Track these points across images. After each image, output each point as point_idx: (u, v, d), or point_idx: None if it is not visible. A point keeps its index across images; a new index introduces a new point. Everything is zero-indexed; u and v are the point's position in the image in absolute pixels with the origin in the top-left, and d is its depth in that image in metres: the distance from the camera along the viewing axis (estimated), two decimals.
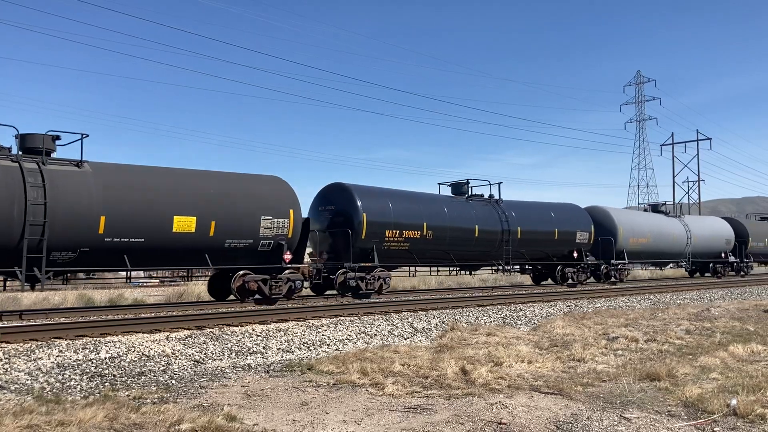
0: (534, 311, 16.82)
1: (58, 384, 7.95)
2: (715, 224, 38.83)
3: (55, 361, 8.99)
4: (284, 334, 11.82)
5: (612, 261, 29.40)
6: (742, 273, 39.47)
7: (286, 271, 17.55)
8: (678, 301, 20.94)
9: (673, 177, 75.87)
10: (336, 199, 20.28)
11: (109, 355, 9.56)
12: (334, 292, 19.81)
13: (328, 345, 11.44)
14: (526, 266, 28.04)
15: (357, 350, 10.50)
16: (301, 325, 12.64)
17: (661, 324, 13.62)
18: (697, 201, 73.29)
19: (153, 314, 14.75)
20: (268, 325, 12.49)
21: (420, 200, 22.43)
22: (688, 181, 74.79)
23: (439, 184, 26.13)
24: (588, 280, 28.87)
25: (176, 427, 5.77)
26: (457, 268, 24.93)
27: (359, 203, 19.73)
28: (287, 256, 17.43)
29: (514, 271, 28.38)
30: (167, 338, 10.81)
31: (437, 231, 21.89)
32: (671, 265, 36.71)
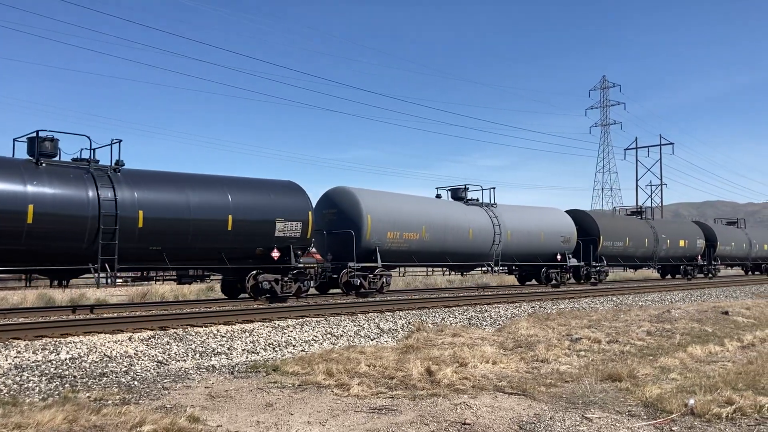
0: (499, 312, 16.97)
1: (15, 386, 7.77)
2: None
3: (13, 363, 8.79)
4: (249, 334, 11.74)
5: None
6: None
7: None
8: (640, 303, 21.32)
9: (636, 181, 77.40)
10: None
11: (70, 356, 9.38)
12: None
13: (294, 346, 11.39)
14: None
15: (323, 351, 10.48)
16: (267, 326, 12.56)
17: (623, 325, 13.85)
18: (660, 204, 74.78)
19: (115, 314, 14.53)
20: (233, 326, 12.39)
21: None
22: (651, 185, 76.45)
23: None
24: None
25: (138, 429, 5.68)
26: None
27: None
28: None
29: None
30: (130, 339, 10.65)
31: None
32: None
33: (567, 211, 31.55)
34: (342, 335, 12.54)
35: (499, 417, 6.45)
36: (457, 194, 26.83)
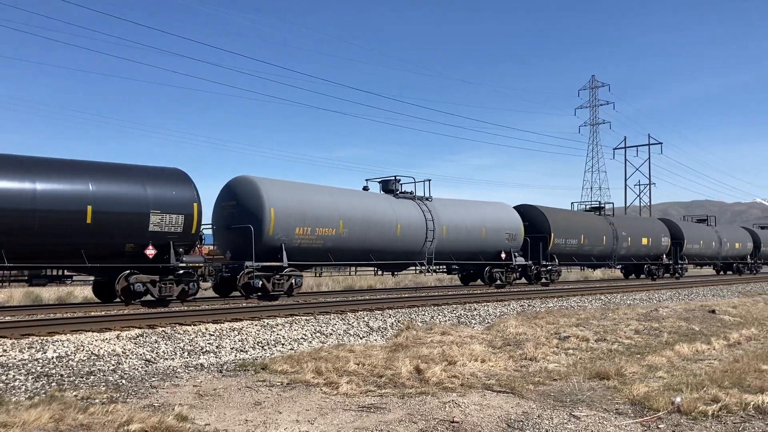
0: (488, 311, 17.02)
1: (1, 385, 7.71)
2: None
3: None
4: (238, 333, 11.71)
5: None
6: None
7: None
8: (628, 302, 21.44)
9: (625, 180, 77.78)
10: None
11: (57, 354, 9.32)
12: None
13: (283, 344, 11.37)
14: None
15: (312, 350, 10.48)
16: (256, 324, 12.54)
17: (612, 324, 13.93)
18: (648, 204, 75.22)
19: (103, 312, 14.44)
20: (222, 324, 12.35)
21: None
22: (639, 185, 76.88)
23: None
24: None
25: (125, 428, 5.66)
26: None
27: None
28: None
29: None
30: (118, 337, 10.60)
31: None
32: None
33: (515, 206, 29.31)
34: (331, 334, 12.53)
35: (488, 415, 6.47)
36: (387, 186, 24.04)
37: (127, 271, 15.54)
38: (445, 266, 26.49)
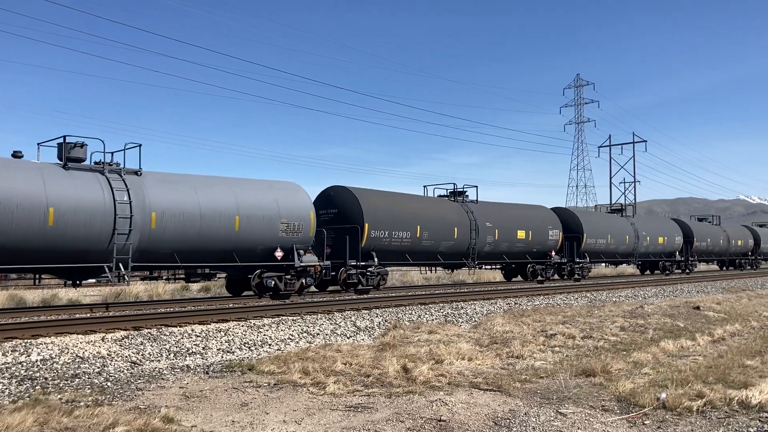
0: (475, 309, 17.05)
1: None
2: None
3: None
4: (225, 334, 11.65)
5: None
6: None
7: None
8: (614, 299, 21.55)
9: (610, 178, 78.15)
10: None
11: (41, 357, 9.23)
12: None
13: (270, 345, 11.33)
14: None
15: (299, 350, 10.44)
16: (242, 325, 12.49)
17: (597, 321, 14.00)
18: (633, 201, 75.71)
19: (88, 314, 14.33)
20: (208, 326, 12.29)
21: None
22: (624, 182, 77.27)
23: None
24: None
25: (111, 430, 5.61)
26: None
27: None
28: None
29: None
30: (103, 339, 10.52)
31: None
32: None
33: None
34: (318, 334, 12.51)
35: (475, 413, 6.49)
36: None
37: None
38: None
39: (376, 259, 21.81)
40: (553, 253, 30.36)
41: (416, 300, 18.17)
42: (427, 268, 27.36)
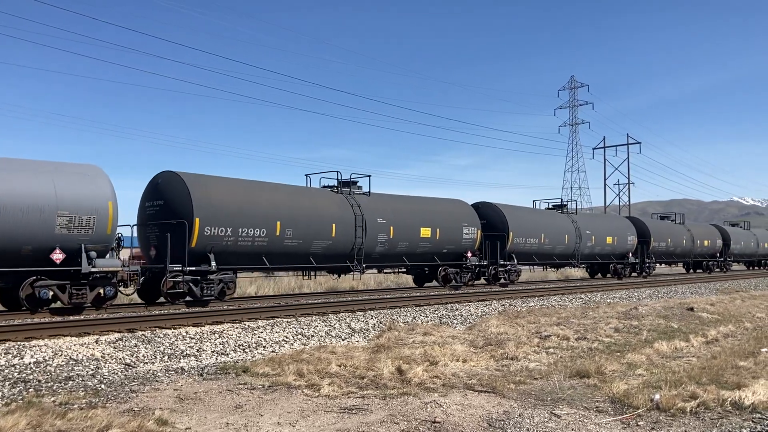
0: (470, 310, 17.07)
1: None
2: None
3: None
4: (219, 336, 11.64)
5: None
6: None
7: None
8: (608, 300, 21.61)
9: (605, 179, 78.48)
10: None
11: (34, 359, 9.20)
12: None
13: (264, 347, 11.32)
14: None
15: (293, 352, 10.44)
16: (237, 327, 12.47)
17: (592, 322, 14.03)
18: (627, 203, 75.96)
19: (82, 317, 14.28)
20: (203, 328, 12.27)
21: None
22: (618, 184, 77.66)
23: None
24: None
25: None
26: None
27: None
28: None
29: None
30: (97, 341, 10.48)
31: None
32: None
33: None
34: (313, 335, 12.50)
35: (469, 415, 6.49)
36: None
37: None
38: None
39: (213, 263, 17.20)
40: (470, 254, 25.65)
41: (411, 302, 18.17)
42: (302, 273, 22.08)
